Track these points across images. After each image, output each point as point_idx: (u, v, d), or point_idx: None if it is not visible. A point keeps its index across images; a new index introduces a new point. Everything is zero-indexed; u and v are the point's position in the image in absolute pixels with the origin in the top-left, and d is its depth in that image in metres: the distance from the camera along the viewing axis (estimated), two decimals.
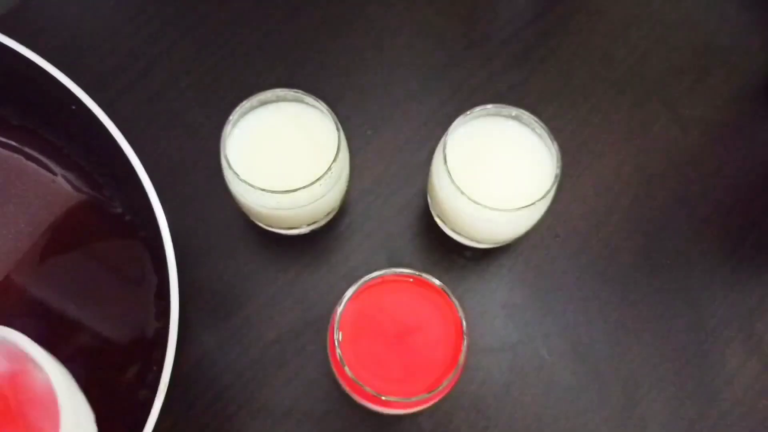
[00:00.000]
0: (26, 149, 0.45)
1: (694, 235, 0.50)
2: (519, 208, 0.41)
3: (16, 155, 0.45)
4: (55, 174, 0.45)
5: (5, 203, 0.44)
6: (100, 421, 0.41)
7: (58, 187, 0.44)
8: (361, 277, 0.39)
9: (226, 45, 0.53)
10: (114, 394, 0.42)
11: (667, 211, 0.51)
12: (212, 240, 0.48)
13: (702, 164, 0.52)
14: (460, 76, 0.53)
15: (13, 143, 0.45)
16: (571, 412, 0.46)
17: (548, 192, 0.41)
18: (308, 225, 0.47)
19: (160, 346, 0.42)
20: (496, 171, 0.44)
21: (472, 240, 0.47)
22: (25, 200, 0.44)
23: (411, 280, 0.39)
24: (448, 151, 0.42)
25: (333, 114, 0.42)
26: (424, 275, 0.39)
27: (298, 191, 0.40)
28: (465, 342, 0.38)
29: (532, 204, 0.41)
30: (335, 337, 0.38)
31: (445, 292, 0.39)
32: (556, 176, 0.42)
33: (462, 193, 0.41)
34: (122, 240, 0.44)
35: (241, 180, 0.40)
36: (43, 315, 0.42)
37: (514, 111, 0.43)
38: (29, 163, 0.45)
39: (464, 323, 0.38)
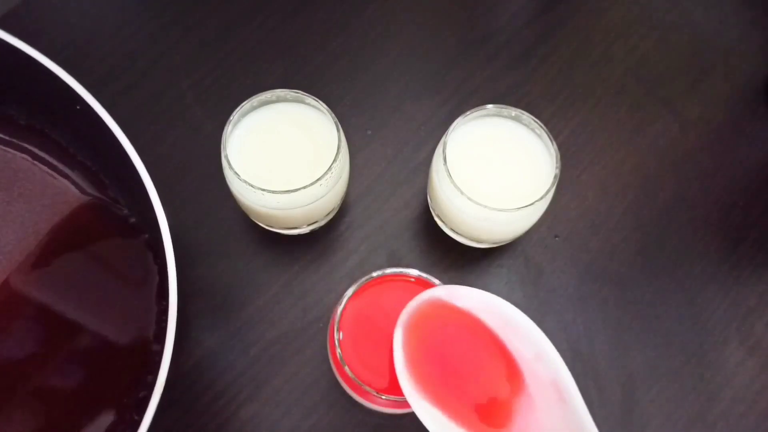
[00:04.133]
0: (33, 149, 0.45)
1: (693, 234, 0.50)
2: (519, 208, 0.41)
3: (22, 155, 0.45)
4: (61, 174, 0.45)
5: (12, 202, 0.44)
6: (102, 423, 0.41)
7: (64, 186, 0.45)
8: (361, 277, 0.39)
9: (226, 45, 0.53)
10: (115, 394, 0.42)
11: (667, 211, 0.51)
12: (212, 240, 0.48)
13: (702, 164, 0.52)
14: (460, 76, 0.53)
15: (20, 143, 0.45)
16: None
17: (548, 192, 0.42)
18: (308, 225, 0.47)
19: (160, 347, 0.42)
20: (496, 171, 0.44)
21: (472, 240, 0.47)
22: (32, 199, 0.44)
23: (411, 280, 0.39)
24: (448, 151, 0.42)
25: (333, 114, 0.42)
26: (424, 275, 0.39)
27: (298, 191, 0.40)
28: None
29: (532, 204, 0.41)
30: (335, 336, 0.38)
31: None
32: (555, 176, 0.42)
33: (462, 193, 0.41)
34: (126, 240, 0.44)
35: (241, 180, 0.40)
36: (46, 315, 0.42)
37: (514, 111, 0.43)
38: (36, 162, 0.45)
39: None
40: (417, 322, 0.35)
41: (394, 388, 0.38)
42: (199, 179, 0.49)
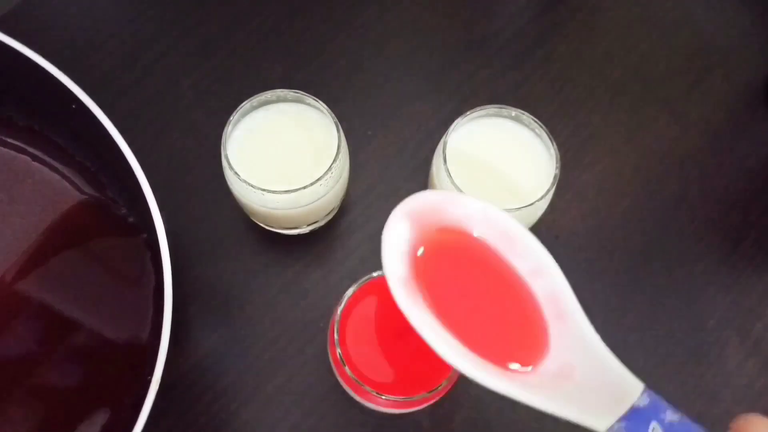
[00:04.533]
0: (32, 150, 0.45)
1: (694, 235, 0.50)
2: (519, 208, 0.41)
3: (22, 156, 0.45)
4: (60, 173, 0.45)
5: (12, 203, 0.44)
6: (99, 422, 0.41)
7: (62, 186, 0.45)
8: (361, 277, 0.39)
9: (226, 45, 0.53)
10: (113, 393, 0.42)
11: (667, 211, 0.51)
12: (212, 240, 0.48)
13: (702, 164, 0.52)
14: (460, 76, 0.53)
15: (20, 144, 0.45)
16: None
17: (548, 192, 0.41)
18: (308, 225, 0.47)
19: (157, 347, 0.42)
20: (496, 171, 0.44)
21: None
22: (31, 199, 0.44)
23: None
24: (448, 151, 0.42)
25: (333, 114, 0.42)
26: None
27: (298, 191, 0.40)
28: None
29: (532, 204, 0.41)
30: (335, 336, 0.38)
31: None
32: (555, 176, 0.42)
33: (462, 193, 0.41)
34: (124, 240, 0.44)
35: (241, 180, 0.40)
36: (44, 313, 0.42)
37: (514, 111, 0.43)
38: (35, 163, 0.45)
39: None
40: (416, 227, 0.32)
41: (394, 388, 0.38)
42: (199, 179, 0.49)
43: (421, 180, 0.50)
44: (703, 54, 0.55)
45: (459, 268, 0.31)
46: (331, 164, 0.41)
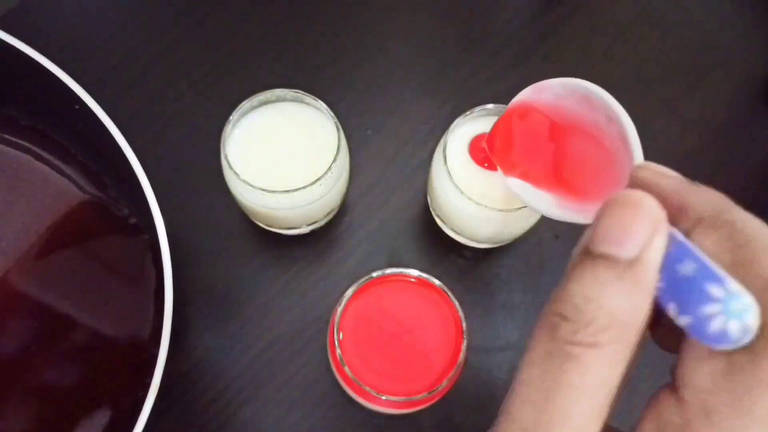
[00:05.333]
0: (35, 149, 0.45)
1: None
2: (519, 208, 0.41)
3: (25, 155, 0.45)
4: (62, 173, 0.45)
5: (14, 202, 0.44)
6: (99, 422, 0.41)
7: (65, 186, 0.45)
8: (361, 277, 0.39)
9: (226, 45, 0.53)
10: (113, 394, 0.42)
11: None
12: (212, 240, 0.48)
13: (702, 164, 0.52)
14: (460, 76, 0.53)
15: (22, 143, 0.45)
16: None
17: None
18: (308, 225, 0.47)
19: (157, 347, 0.42)
20: (496, 171, 0.44)
21: (472, 240, 0.47)
22: (33, 198, 0.44)
23: (411, 280, 0.39)
24: (448, 151, 0.42)
25: (333, 114, 0.42)
26: (424, 275, 0.39)
27: (298, 191, 0.40)
28: (465, 342, 0.38)
29: None
30: (335, 337, 0.38)
31: (445, 292, 0.39)
32: None
33: (462, 193, 0.41)
34: (125, 240, 0.44)
35: (241, 180, 0.40)
36: (44, 312, 0.42)
37: None
38: (38, 162, 0.45)
39: (464, 323, 0.38)
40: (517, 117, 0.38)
41: (394, 388, 0.38)
42: (199, 179, 0.49)
43: (421, 180, 0.50)
44: (704, 54, 0.55)
45: (552, 129, 0.37)
46: (331, 164, 0.41)
